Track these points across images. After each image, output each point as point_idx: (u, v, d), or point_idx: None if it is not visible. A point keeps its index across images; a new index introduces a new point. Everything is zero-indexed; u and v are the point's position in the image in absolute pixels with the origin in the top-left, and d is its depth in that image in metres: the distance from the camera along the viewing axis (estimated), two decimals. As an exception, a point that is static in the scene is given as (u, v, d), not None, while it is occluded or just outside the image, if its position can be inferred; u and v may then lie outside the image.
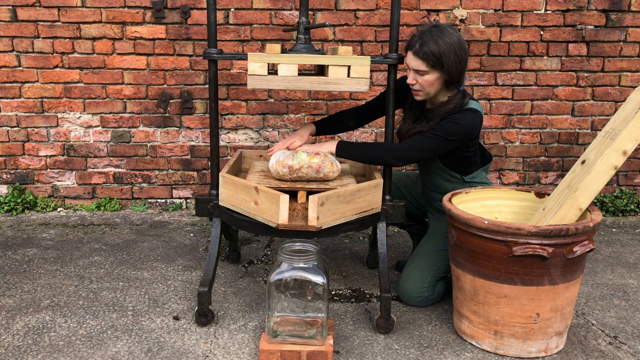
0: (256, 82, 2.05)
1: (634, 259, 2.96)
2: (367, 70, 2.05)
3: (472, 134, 2.29)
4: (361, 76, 2.05)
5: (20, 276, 2.64)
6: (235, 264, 2.83)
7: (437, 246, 2.42)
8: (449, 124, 2.23)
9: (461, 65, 2.23)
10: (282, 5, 3.44)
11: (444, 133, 2.23)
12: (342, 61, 2.04)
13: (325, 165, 2.21)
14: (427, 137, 2.25)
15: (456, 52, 2.20)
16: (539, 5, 3.49)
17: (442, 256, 2.39)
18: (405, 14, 3.47)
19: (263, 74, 2.04)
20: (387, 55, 2.16)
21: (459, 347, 2.11)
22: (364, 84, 2.06)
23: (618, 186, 3.77)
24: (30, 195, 3.59)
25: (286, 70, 2.04)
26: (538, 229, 1.87)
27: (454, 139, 2.24)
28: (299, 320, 1.96)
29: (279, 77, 2.04)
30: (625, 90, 3.63)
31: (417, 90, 2.30)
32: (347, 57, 2.04)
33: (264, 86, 2.06)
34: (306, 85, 2.06)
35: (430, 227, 2.53)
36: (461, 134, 2.24)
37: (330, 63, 2.04)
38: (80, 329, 2.18)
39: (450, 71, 2.22)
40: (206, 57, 2.16)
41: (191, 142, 3.62)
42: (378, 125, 3.60)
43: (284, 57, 2.04)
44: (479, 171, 2.45)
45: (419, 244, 2.50)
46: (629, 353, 2.07)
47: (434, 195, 2.51)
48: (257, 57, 2.03)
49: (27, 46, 3.44)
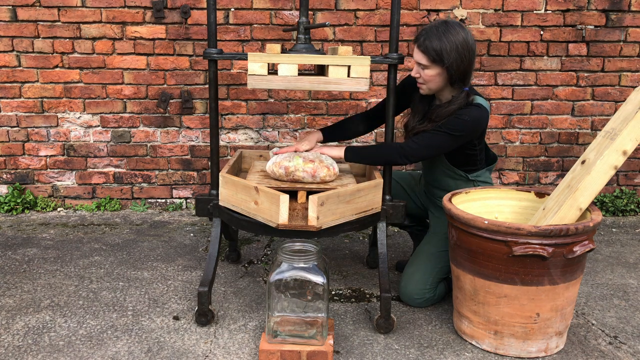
0: (256, 82, 2.05)
1: (634, 259, 2.96)
2: (367, 70, 2.05)
3: (478, 130, 2.28)
4: (361, 76, 2.05)
5: (20, 276, 2.64)
6: (235, 264, 2.83)
7: (438, 247, 2.41)
8: (454, 120, 2.23)
9: (464, 64, 2.23)
10: (282, 5, 3.44)
11: (449, 129, 2.23)
12: (342, 61, 2.04)
13: (321, 170, 2.21)
14: (433, 134, 2.26)
15: (458, 51, 2.20)
16: (539, 5, 3.49)
17: (444, 257, 2.39)
18: (405, 14, 3.47)
19: (263, 74, 2.04)
20: (387, 55, 2.16)
21: (459, 347, 2.11)
22: (364, 84, 2.06)
23: (618, 186, 3.77)
24: (30, 195, 3.59)
25: (286, 70, 2.04)
26: (538, 229, 1.87)
27: (460, 135, 2.24)
28: (299, 320, 1.96)
29: (279, 77, 2.04)
30: (625, 90, 3.63)
31: (421, 83, 2.33)
32: (347, 57, 2.04)
33: (264, 86, 2.06)
34: (306, 85, 2.06)
35: (431, 227, 2.53)
36: (466, 129, 2.23)
37: (330, 63, 2.04)
38: (80, 329, 2.18)
39: (452, 69, 2.22)
40: (206, 57, 2.16)
41: (191, 142, 3.62)
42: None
43: (284, 57, 2.03)
44: (484, 170, 2.45)
45: (420, 245, 2.50)
46: (629, 353, 2.07)
47: (436, 192, 2.51)
48: (257, 57, 2.03)
49: (27, 46, 3.44)
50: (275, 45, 2.07)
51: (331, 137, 2.54)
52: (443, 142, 2.25)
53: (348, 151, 2.33)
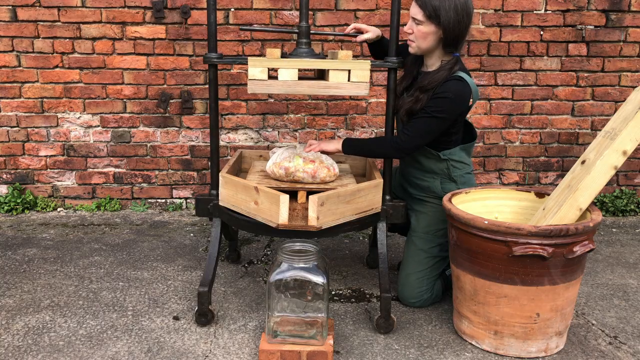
0: (256, 87, 2.05)
1: (634, 259, 2.96)
2: (367, 74, 2.05)
3: (463, 104, 2.23)
4: (361, 80, 2.05)
5: (20, 276, 2.64)
6: (235, 264, 2.83)
7: (423, 245, 2.38)
8: (436, 100, 2.19)
9: (459, 26, 2.19)
10: (282, 5, 3.44)
11: (434, 111, 2.19)
12: (342, 65, 2.04)
13: (322, 171, 2.22)
14: (421, 121, 2.23)
15: (457, 11, 2.17)
16: (539, 5, 3.49)
17: (431, 254, 2.37)
18: (405, 14, 3.46)
19: (263, 78, 2.04)
20: (387, 59, 2.16)
21: (459, 347, 2.11)
22: (364, 88, 2.06)
23: (618, 186, 3.77)
24: (30, 195, 3.59)
25: (286, 74, 2.04)
26: (538, 229, 1.87)
27: (446, 116, 2.20)
28: (299, 320, 1.96)
29: (279, 81, 2.05)
30: (625, 90, 3.63)
31: (412, 41, 2.29)
32: (347, 61, 2.04)
33: (264, 91, 2.06)
34: (306, 89, 2.07)
35: (412, 224, 2.46)
36: (451, 105, 2.19)
37: (331, 67, 2.04)
38: (80, 329, 2.18)
39: (447, 29, 2.18)
40: (206, 61, 2.16)
41: (191, 142, 3.62)
42: (378, 125, 3.60)
43: (284, 62, 2.03)
44: (457, 149, 2.37)
45: (406, 247, 2.45)
46: (629, 353, 2.07)
47: (410, 171, 2.46)
48: (257, 61, 2.03)
49: (27, 46, 3.44)
50: (275, 50, 2.06)
51: (378, 47, 2.50)
52: (433, 125, 2.22)
53: (345, 144, 2.33)
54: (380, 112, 3.59)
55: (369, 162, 2.54)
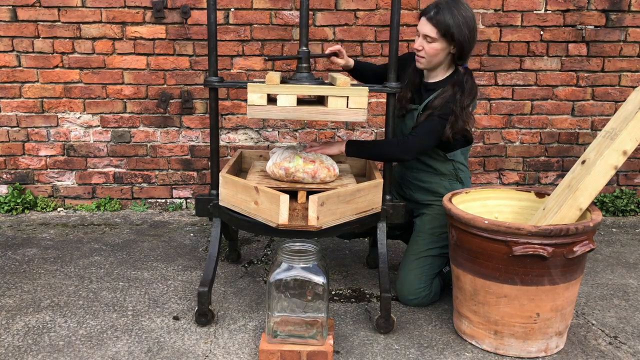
0: (255, 112, 2.04)
1: (634, 259, 2.96)
2: (365, 100, 2.05)
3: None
4: (359, 107, 2.05)
5: (20, 276, 2.64)
6: (235, 264, 2.83)
7: (425, 245, 2.42)
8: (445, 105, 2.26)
9: (472, 40, 2.26)
10: (282, 5, 3.44)
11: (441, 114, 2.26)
12: (340, 92, 2.04)
13: (322, 171, 2.21)
14: (428, 122, 2.28)
15: (469, 27, 2.23)
16: (539, 5, 3.49)
17: (431, 254, 2.40)
18: (405, 14, 3.47)
19: (262, 104, 2.03)
20: (386, 85, 2.18)
21: (459, 347, 2.11)
22: (362, 114, 2.06)
23: (618, 186, 3.77)
24: (30, 195, 3.59)
25: (285, 100, 2.03)
26: (538, 229, 1.87)
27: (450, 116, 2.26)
28: (299, 320, 1.96)
29: (278, 107, 2.04)
30: (625, 90, 3.63)
31: (421, 57, 2.32)
32: (345, 88, 2.04)
33: (263, 116, 2.05)
34: (305, 115, 2.07)
35: (416, 225, 2.51)
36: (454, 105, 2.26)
37: (329, 94, 2.04)
38: (80, 329, 2.18)
39: (460, 45, 2.24)
40: (207, 85, 2.18)
41: (191, 142, 3.62)
42: (378, 125, 3.60)
43: (283, 88, 2.03)
44: (458, 152, 2.44)
45: (408, 245, 2.50)
46: (629, 353, 2.07)
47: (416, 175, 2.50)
48: (257, 87, 2.02)
49: (27, 46, 3.44)
50: (274, 75, 2.05)
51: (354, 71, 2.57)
52: (438, 125, 2.26)
53: (349, 146, 2.33)
54: (381, 112, 3.59)
55: (369, 162, 2.54)
